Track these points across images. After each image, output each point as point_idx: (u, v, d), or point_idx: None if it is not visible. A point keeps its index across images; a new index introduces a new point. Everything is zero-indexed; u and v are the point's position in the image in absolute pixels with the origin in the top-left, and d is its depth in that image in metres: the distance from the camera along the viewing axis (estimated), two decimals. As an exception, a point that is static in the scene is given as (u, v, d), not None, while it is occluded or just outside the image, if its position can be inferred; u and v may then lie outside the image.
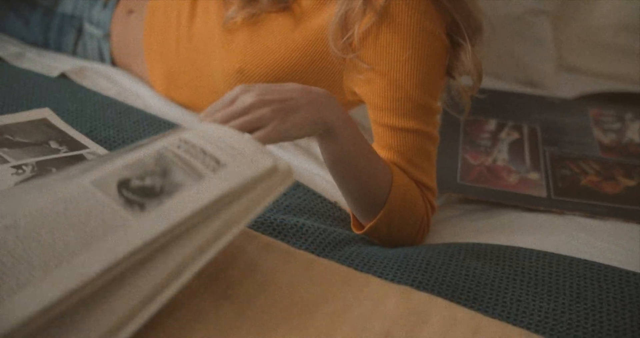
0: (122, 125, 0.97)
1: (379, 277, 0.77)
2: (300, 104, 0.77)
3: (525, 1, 1.31)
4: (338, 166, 0.83)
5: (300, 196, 0.92)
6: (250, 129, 0.75)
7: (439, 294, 0.75)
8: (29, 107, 0.96)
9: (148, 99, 1.09)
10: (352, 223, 0.89)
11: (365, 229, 0.87)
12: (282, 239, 0.81)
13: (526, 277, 0.79)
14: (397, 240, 0.89)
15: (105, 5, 1.19)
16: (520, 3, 1.31)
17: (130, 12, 1.17)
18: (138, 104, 1.06)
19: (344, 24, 0.90)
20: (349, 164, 0.82)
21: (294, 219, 0.85)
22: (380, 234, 0.88)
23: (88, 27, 1.20)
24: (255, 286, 0.64)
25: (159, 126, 0.99)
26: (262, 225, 0.83)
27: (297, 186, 0.94)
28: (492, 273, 0.80)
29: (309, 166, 1.01)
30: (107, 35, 1.18)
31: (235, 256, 0.68)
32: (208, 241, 0.58)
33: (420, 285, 0.76)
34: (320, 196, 0.93)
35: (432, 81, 0.90)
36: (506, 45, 1.32)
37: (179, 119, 1.04)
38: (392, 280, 0.77)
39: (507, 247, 0.85)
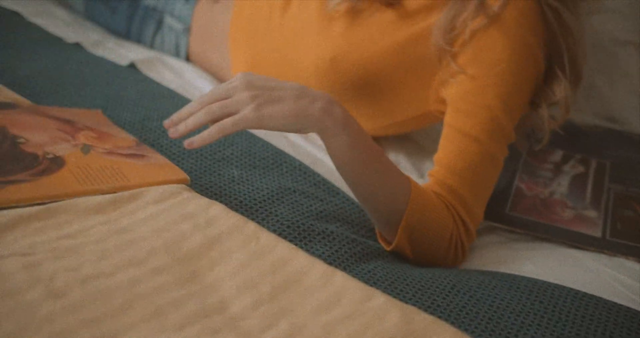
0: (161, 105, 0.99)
1: (398, 295, 0.74)
2: (285, 96, 0.76)
3: (611, 31, 1.24)
4: (342, 172, 0.82)
5: (338, 203, 0.90)
6: (226, 112, 0.76)
7: (455, 320, 0.71)
8: (91, 92, 1.00)
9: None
10: (378, 237, 0.87)
11: (391, 247, 0.84)
12: (305, 244, 0.80)
13: (556, 315, 0.74)
14: (426, 261, 0.85)
15: (187, 0, 1.22)
16: (605, 32, 1.24)
17: (216, 1, 1.20)
18: (195, 97, 1.07)
19: (452, 24, 0.91)
20: (352, 170, 0.81)
21: (324, 226, 0.84)
22: (404, 252, 0.85)
23: (169, 20, 1.23)
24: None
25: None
26: (289, 228, 0.81)
27: (337, 193, 0.92)
28: (519, 307, 0.75)
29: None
30: (187, 29, 1.21)
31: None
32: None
33: (438, 309, 0.73)
34: (358, 205, 0.91)
35: (516, 98, 0.89)
36: (587, 76, 1.25)
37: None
38: (410, 300, 0.73)
39: (543, 283, 0.80)
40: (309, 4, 1.04)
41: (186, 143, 0.77)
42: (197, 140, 0.76)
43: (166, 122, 0.80)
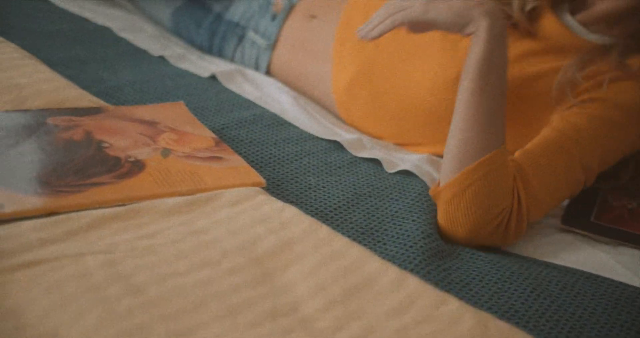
0: (252, 127, 1.00)
1: (473, 297, 0.72)
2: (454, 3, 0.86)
3: None
4: (470, 77, 0.86)
5: (414, 201, 0.89)
6: (399, 9, 0.88)
7: (534, 327, 0.68)
8: (174, 101, 1.03)
9: (287, 106, 1.12)
10: (432, 188, 0.89)
11: (441, 186, 0.86)
12: (380, 248, 0.79)
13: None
14: (463, 223, 0.84)
15: (274, 18, 1.25)
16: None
17: (313, 17, 1.22)
18: (275, 109, 1.09)
19: (583, 73, 0.94)
20: (480, 80, 0.86)
21: (399, 226, 0.83)
22: (450, 201, 0.85)
23: (252, 36, 1.26)
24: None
25: (288, 132, 1.02)
26: (363, 234, 0.81)
27: (413, 191, 0.91)
28: (605, 317, 0.72)
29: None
30: (270, 46, 1.24)
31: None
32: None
33: (515, 315, 0.70)
34: (433, 203, 0.90)
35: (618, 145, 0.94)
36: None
37: (308, 126, 1.06)
38: (485, 304, 0.71)
39: (633, 290, 0.76)
40: None
41: (361, 34, 0.90)
42: (373, 32, 0.90)
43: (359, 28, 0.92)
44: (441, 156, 0.98)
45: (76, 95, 0.94)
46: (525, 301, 0.72)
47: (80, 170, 0.75)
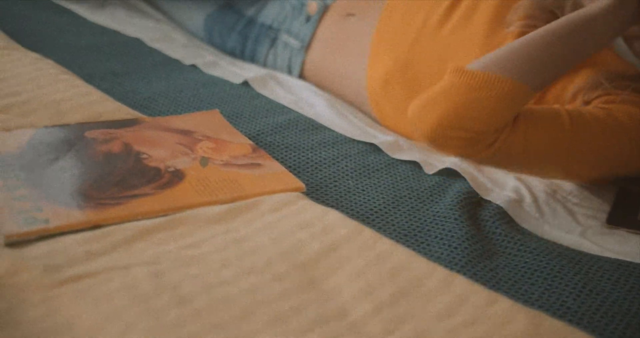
0: (288, 132, 1.00)
1: (523, 296, 0.71)
2: None
3: None
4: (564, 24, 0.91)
5: (454, 201, 0.88)
6: None
7: (588, 324, 0.66)
8: (208, 110, 1.03)
9: (321, 109, 1.12)
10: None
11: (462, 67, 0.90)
12: (424, 249, 0.78)
13: None
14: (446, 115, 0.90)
15: (308, 20, 1.25)
16: None
17: (350, 15, 1.22)
18: (310, 113, 1.09)
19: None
20: (569, 32, 0.91)
21: (442, 226, 0.82)
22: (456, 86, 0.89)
23: (286, 38, 1.27)
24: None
25: (323, 135, 1.01)
26: (405, 236, 0.80)
27: (451, 189, 0.90)
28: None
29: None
30: (304, 47, 1.24)
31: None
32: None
33: (568, 312, 0.68)
34: (475, 199, 0.89)
35: None
36: None
37: (344, 129, 1.05)
38: (536, 302, 0.70)
39: None
40: (475, 20, 1.06)
41: None
42: None
43: None
44: None
45: (112, 108, 0.94)
46: (577, 297, 0.71)
47: (120, 182, 0.75)
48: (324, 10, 1.24)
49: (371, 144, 1.01)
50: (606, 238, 0.87)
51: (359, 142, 1.02)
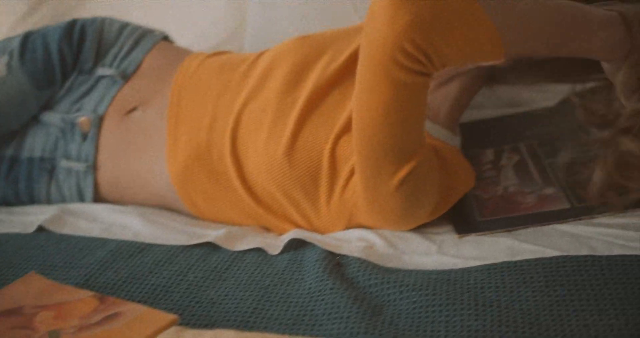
0: (117, 265, 0.91)
1: (431, 334, 0.70)
2: None
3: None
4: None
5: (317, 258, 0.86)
6: None
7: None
8: (15, 275, 0.90)
9: (137, 227, 1.03)
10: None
11: None
12: (319, 329, 0.74)
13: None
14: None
15: (85, 138, 1.14)
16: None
17: (132, 110, 1.14)
18: (128, 235, 1.00)
19: None
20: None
21: (322, 299, 0.80)
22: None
23: (65, 164, 1.14)
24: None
25: (155, 254, 0.93)
26: (297, 322, 0.76)
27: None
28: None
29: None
30: (90, 167, 1.13)
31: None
32: None
33: (477, 332, 0.69)
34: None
35: None
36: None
37: (171, 239, 0.98)
38: (449, 333, 0.69)
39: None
40: (267, 88, 1.03)
41: None
42: None
43: None
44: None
45: None
46: (477, 314, 0.73)
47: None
48: (99, 122, 1.15)
49: (207, 243, 0.96)
50: (462, 248, 0.91)
51: (193, 246, 0.95)
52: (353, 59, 1.02)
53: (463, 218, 0.97)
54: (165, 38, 1.27)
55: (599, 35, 0.82)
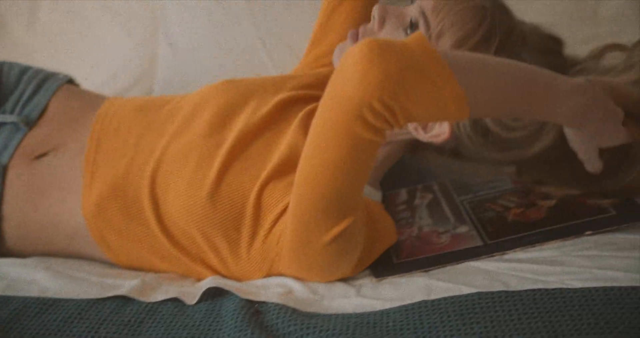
0: (22, 324, 0.85)
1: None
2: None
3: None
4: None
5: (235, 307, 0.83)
6: None
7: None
8: None
9: (44, 282, 0.97)
10: None
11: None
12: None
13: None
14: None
15: None
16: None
17: (42, 155, 1.09)
18: (33, 291, 0.94)
19: None
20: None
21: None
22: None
23: None
24: None
25: (65, 309, 0.89)
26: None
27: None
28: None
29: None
30: None
31: None
32: None
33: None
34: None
35: None
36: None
37: (81, 292, 0.94)
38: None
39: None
40: (193, 127, 1.02)
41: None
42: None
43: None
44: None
45: None
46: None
47: None
48: (3, 171, 1.09)
49: (120, 296, 0.92)
50: (380, 290, 0.91)
51: (104, 299, 0.91)
52: (280, 107, 1.04)
53: (380, 262, 0.97)
54: (71, 81, 1.24)
55: (565, 102, 0.83)
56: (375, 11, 1.01)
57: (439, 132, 0.98)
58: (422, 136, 0.99)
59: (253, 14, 1.46)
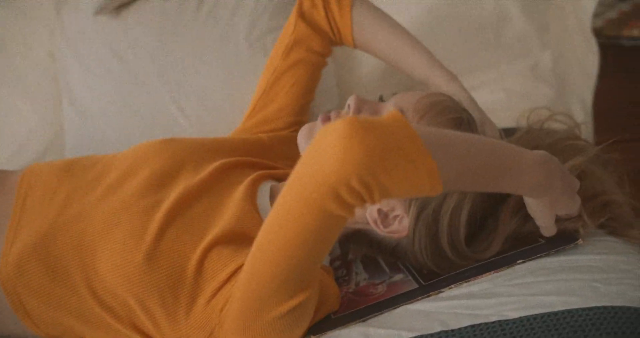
0: None
1: None
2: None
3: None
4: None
5: None
6: None
7: None
8: None
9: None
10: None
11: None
12: None
13: None
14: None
15: None
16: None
17: None
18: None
19: None
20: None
21: None
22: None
23: None
24: None
25: None
26: None
27: None
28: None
29: None
30: None
31: None
32: None
33: None
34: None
35: None
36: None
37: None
38: None
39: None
40: (125, 188, 1.00)
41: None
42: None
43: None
44: None
45: None
46: None
47: None
48: None
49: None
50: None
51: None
52: (220, 171, 1.04)
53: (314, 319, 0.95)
54: None
55: (528, 174, 0.84)
56: (352, 101, 1.02)
57: (399, 229, 0.97)
58: (381, 230, 0.98)
59: (160, 72, 1.43)
